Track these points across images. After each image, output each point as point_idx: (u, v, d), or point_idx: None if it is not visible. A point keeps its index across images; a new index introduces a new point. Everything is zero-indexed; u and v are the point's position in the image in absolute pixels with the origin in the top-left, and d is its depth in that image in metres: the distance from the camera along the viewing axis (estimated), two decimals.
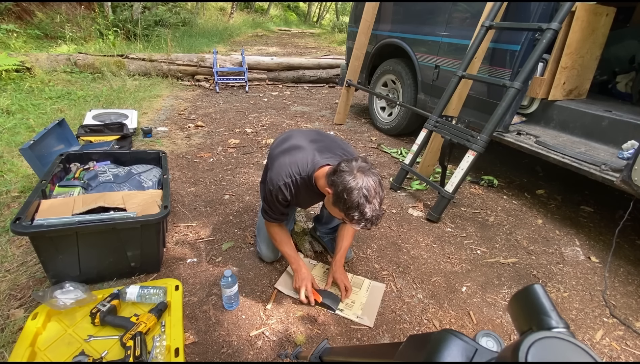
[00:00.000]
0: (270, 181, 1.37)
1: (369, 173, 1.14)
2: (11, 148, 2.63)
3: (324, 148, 1.40)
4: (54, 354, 1.17)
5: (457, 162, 2.18)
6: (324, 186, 1.24)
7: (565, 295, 1.66)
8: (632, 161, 1.61)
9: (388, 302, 1.54)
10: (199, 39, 8.56)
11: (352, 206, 1.10)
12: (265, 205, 1.45)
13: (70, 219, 1.38)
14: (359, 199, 1.09)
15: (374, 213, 1.12)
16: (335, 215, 1.24)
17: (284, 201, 1.38)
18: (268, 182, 1.38)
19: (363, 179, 1.11)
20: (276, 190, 1.35)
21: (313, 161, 1.34)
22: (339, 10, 22.08)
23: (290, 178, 1.34)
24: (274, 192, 1.36)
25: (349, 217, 1.14)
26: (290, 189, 1.35)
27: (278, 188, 1.34)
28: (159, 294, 1.38)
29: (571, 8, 1.97)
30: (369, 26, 3.52)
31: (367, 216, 1.11)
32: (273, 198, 1.37)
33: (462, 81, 2.38)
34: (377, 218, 1.14)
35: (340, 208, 1.15)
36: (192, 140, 3.22)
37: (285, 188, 1.35)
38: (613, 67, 2.87)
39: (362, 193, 1.09)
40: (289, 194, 1.36)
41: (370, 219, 1.12)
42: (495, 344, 0.47)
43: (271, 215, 1.46)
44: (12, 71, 4.12)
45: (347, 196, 1.10)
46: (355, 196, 1.09)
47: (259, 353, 1.29)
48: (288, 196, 1.36)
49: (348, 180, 1.11)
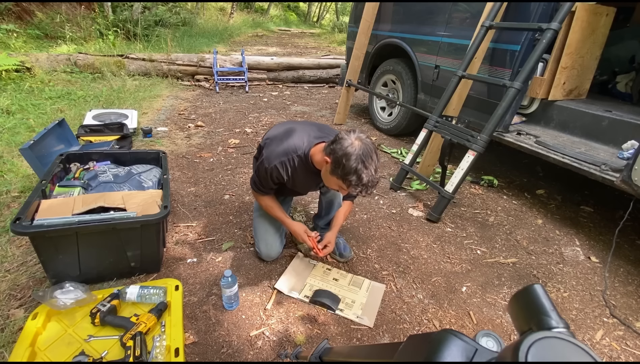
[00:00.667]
0: (267, 159, 1.40)
1: (366, 141, 1.22)
2: (11, 148, 2.63)
3: (318, 130, 1.47)
4: (54, 354, 1.17)
5: (457, 162, 2.18)
6: (321, 160, 1.30)
7: (565, 295, 1.66)
8: (632, 161, 1.61)
9: (388, 302, 1.54)
10: (199, 39, 8.56)
11: (350, 171, 1.18)
12: (257, 179, 1.51)
13: (70, 219, 1.38)
14: (357, 164, 1.17)
15: (370, 178, 1.20)
16: (332, 186, 1.31)
17: (277, 179, 1.45)
18: (264, 160, 1.41)
19: (360, 146, 1.19)
20: (271, 169, 1.40)
21: (309, 140, 1.41)
22: (339, 10, 22.08)
23: (286, 156, 1.39)
24: (268, 170, 1.41)
25: (346, 182, 1.21)
26: (286, 168, 1.40)
27: (274, 167, 1.39)
28: (159, 294, 1.38)
29: (571, 8, 1.97)
30: (369, 26, 3.52)
31: (364, 181, 1.19)
32: (267, 175, 1.43)
33: (462, 81, 2.38)
34: (373, 183, 1.22)
35: (338, 175, 1.22)
36: (192, 140, 3.22)
37: (281, 167, 1.39)
38: (613, 67, 2.87)
39: (359, 158, 1.18)
40: (284, 173, 1.41)
41: (366, 184, 1.20)
42: (495, 344, 0.47)
43: (260, 189, 1.54)
44: (12, 71, 4.12)
45: (345, 161, 1.18)
46: (353, 161, 1.17)
47: (259, 353, 1.29)
48: (284, 175, 1.42)
49: (346, 146, 1.19)
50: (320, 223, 1.85)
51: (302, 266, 1.71)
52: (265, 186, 1.51)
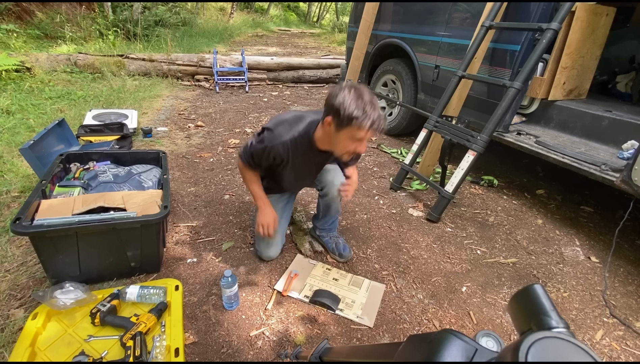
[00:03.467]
0: (269, 139, 1.35)
1: (354, 84, 1.20)
2: (11, 148, 2.63)
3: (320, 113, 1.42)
4: (54, 354, 1.17)
5: (457, 162, 2.18)
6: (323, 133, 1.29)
7: (565, 295, 1.66)
8: (632, 161, 1.61)
9: (388, 302, 1.54)
10: (199, 39, 8.55)
11: (353, 111, 1.15)
12: (250, 152, 1.43)
13: (70, 219, 1.38)
14: (357, 102, 1.15)
15: (377, 113, 1.18)
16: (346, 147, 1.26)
17: (274, 159, 1.39)
18: (266, 138, 1.36)
19: (357, 91, 1.18)
20: (271, 148, 1.35)
21: (311, 121, 1.38)
22: (339, 10, 22.07)
23: (289, 136, 1.35)
24: (268, 149, 1.36)
25: (356, 124, 1.17)
26: (287, 148, 1.36)
27: (274, 146, 1.34)
28: (159, 294, 1.38)
29: (571, 8, 1.97)
30: (369, 26, 3.52)
31: (370, 113, 1.16)
32: (264, 153, 1.38)
33: (462, 81, 2.38)
34: (381, 119, 1.19)
35: (344, 125, 1.19)
36: (192, 140, 3.22)
37: (282, 147, 1.35)
38: (613, 67, 2.87)
39: (356, 97, 1.16)
40: (285, 154, 1.37)
41: (376, 120, 1.17)
42: (495, 344, 0.47)
43: (249, 161, 1.46)
44: (12, 71, 4.12)
45: (346, 106, 1.15)
46: (351, 103, 1.15)
47: (259, 353, 1.29)
48: (284, 155, 1.38)
49: (345, 95, 1.17)
50: (319, 224, 1.84)
51: (302, 266, 1.71)
52: (256, 161, 1.45)
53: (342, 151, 1.30)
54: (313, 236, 1.90)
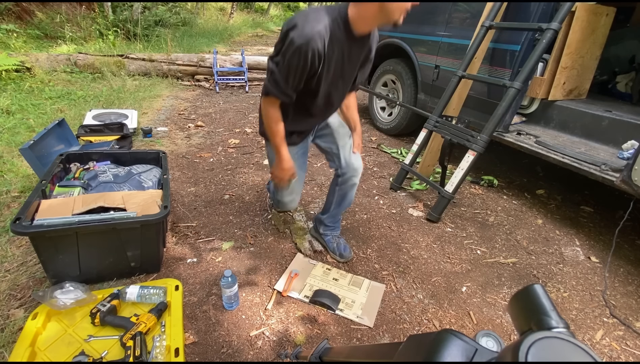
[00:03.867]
0: (300, 35, 1.11)
1: None
2: (11, 148, 2.63)
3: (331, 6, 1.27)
4: (54, 354, 1.17)
5: (457, 162, 2.18)
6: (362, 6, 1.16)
7: (565, 295, 1.66)
8: (632, 161, 1.61)
9: (388, 302, 1.54)
10: (199, 39, 8.56)
11: None
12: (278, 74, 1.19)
13: (70, 219, 1.38)
14: None
15: None
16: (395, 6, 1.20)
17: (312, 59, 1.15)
18: (296, 38, 1.11)
19: None
20: (306, 43, 1.11)
21: (332, 8, 1.21)
22: None
23: (321, 24, 1.14)
24: (303, 48, 1.11)
25: None
26: (323, 40, 1.15)
27: (310, 40, 1.11)
28: (159, 294, 1.38)
29: (571, 8, 1.97)
30: None
31: None
32: (300, 57, 1.14)
33: (462, 81, 2.38)
34: None
35: None
36: (192, 140, 3.22)
37: (319, 38, 1.13)
38: (613, 67, 2.87)
39: None
40: (322, 48, 1.16)
41: None
42: (495, 344, 0.47)
43: (281, 88, 1.22)
44: (12, 71, 4.12)
45: None
46: None
47: (259, 353, 1.29)
48: (322, 51, 1.16)
49: None
50: (326, 219, 1.77)
51: (302, 266, 1.71)
52: (291, 82, 1.20)
53: (398, 11, 1.21)
54: (313, 235, 1.90)
